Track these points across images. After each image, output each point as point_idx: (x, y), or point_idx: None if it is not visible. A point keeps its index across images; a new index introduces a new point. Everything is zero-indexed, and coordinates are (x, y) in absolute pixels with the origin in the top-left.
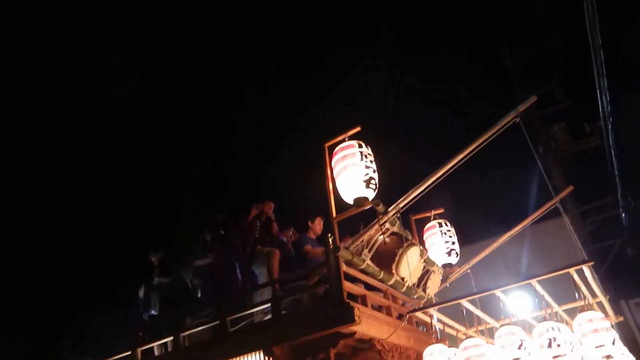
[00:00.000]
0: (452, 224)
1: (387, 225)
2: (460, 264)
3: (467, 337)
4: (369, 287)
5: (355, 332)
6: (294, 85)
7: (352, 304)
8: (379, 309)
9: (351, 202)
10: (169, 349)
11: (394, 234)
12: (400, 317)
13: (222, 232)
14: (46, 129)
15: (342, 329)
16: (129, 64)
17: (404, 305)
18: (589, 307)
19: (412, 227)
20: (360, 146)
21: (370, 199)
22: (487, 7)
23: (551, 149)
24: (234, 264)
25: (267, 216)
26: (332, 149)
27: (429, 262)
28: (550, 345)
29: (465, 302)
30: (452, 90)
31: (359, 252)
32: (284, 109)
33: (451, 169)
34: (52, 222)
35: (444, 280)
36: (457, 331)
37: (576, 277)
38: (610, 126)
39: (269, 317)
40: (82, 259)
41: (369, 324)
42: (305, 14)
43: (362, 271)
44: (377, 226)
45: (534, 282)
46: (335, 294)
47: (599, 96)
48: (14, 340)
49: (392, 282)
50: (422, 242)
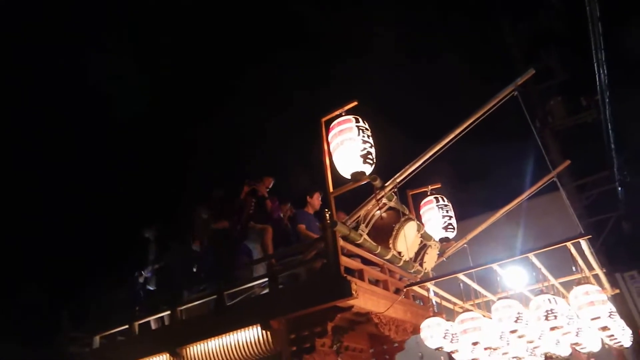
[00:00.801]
0: (449, 199)
1: (384, 200)
2: (457, 238)
3: (464, 311)
4: (366, 261)
5: (352, 306)
6: (290, 60)
7: (349, 278)
8: (376, 283)
9: (348, 176)
10: (167, 323)
11: (391, 208)
12: (397, 291)
13: (219, 209)
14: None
15: (339, 303)
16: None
17: (401, 279)
18: (586, 280)
19: (409, 202)
20: (357, 121)
21: (367, 174)
22: None
23: (548, 123)
24: (232, 239)
25: (262, 193)
26: (328, 123)
27: (425, 237)
28: (547, 317)
29: (462, 276)
30: (450, 64)
31: (356, 226)
32: (281, 84)
33: (448, 144)
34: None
35: (440, 254)
36: (454, 305)
37: (573, 251)
38: (607, 99)
39: (267, 291)
40: (82, 234)
41: (366, 298)
42: None
43: (359, 246)
44: (374, 201)
45: (531, 255)
46: (332, 269)
47: (596, 69)
48: (14, 314)
49: (389, 256)
50: (419, 217)
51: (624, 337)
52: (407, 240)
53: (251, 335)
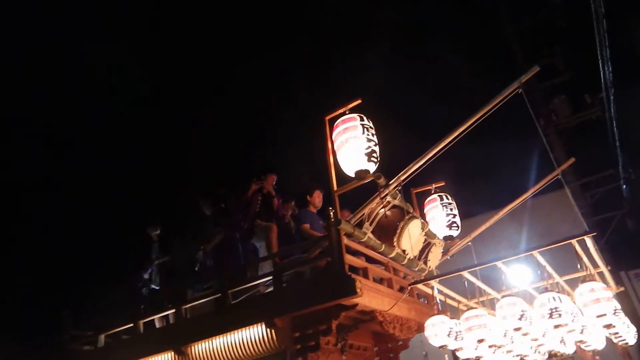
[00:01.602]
0: (453, 197)
1: (389, 198)
2: (461, 236)
3: (468, 309)
4: (370, 259)
5: (356, 304)
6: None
7: (353, 276)
8: (380, 281)
9: (352, 175)
10: (171, 322)
11: (395, 207)
12: (401, 289)
13: (222, 206)
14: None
15: (343, 301)
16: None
17: (405, 277)
18: (591, 278)
19: (413, 200)
20: (361, 119)
21: (371, 172)
22: None
23: (552, 121)
24: (236, 238)
25: (268, 191)
26: (332, 122)
27: (430, 235)
28: (551, 315)
29: (466, 274)
30: (454, 62)
31: (361, 225)
32: (283, 80)
33: (452, 142)
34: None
35: (445, 252)
36: (459, 302)
37: (578, 248)
38: (612, 97)
39: (271, 289)
40: (85, 231)
41: (370, 296)
42: None
43: (364, 244)
44: (378, 199)
45: (536, 253)
46: (336, 267)
47: (601, 66)
48: (16, 312)
49: (393, 254)
50: (423, 215)
51: (629, 334)
52: (411, 238)
53: (256, 333)
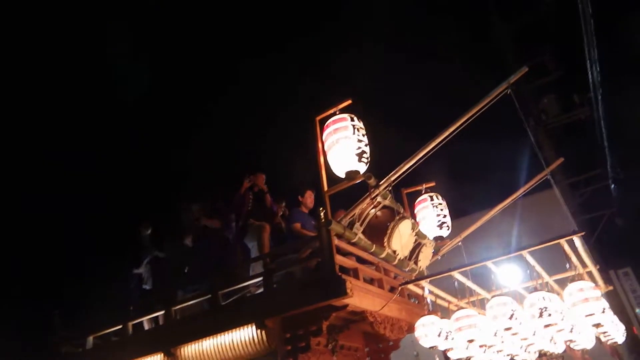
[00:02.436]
0: (443, 197)
1: (379, 198)
2: (451, 236)
3: (458, 309)
4: (360, 260)
5: (347, 305)
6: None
7: (344, 277)
8: (371, 281)
9: (343, 175)
10: (161, 323)
11: (385, 207)
12: (392, 289)
13: (214, 207)
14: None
15: (334, 301)
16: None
17: (395, 278)
18: (580, 277)
19: (404, 200)
20: (352, 119)
21: (362, 173)
22: None
23: (541, 121)
24: (227, 238)
25: (260, 188)
26: (323, 122)
27: (420, 235)
28: (541, 315)
29: (456, 274)
30: (443, 62)
31: (351, 225)
32: (274, 82)
33: (442, 142)
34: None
35: (435, 252)
36: (449, 303)
37: (567, 248)
38: (600, 97)
39: (261, 290)
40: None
41: (360, 297)
42: None
43: (354, 244)
44: (368, 200)
45: (525, 253)
46: (327, 267)
47: (588, 66)
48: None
49: (383, 255)
50: (413, 216)
51: (618, 333)
52: (401, 238)
53: (246, 334)
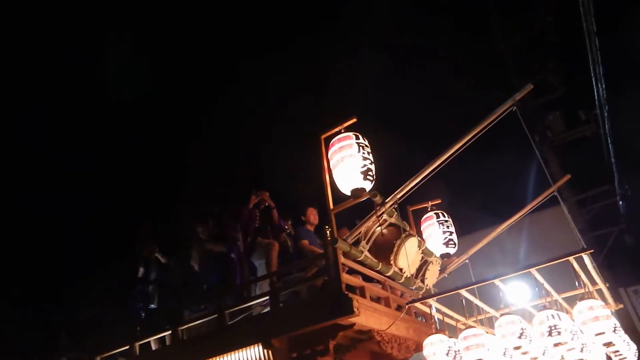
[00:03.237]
0: (450, 215)
1: (385, 216)
2: (458, 254)
3: (466, 327)
4: (367, 278)
5: (354, 324)
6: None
7: (350, 295)
8: (378, 300)
9: (348, 193)
10: (167, 343)
11: (391, 225)
12: (399, 308)
13: (217, 226)
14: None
15: (341, 320)
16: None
17: (402, 296)
18: (589, 295)
19: (410, 218)
20: (357, 137)
21: (367, 190)
22: None
23: (547, 137)
24: (232, 257)
25: (267, 204)
26: (328, 140)
27: (427, 253)
28: (550, 333)
29: (464, 292)
30: (449, 79)
31: (357, 243)
32: (278, 99)
33: (448, 159)
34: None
35: (442, 270)
36: (457, 321)
37: (576, 265)
38: (606, 114)
39: (268, 309)
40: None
41: (367, 316)
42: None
43: (360, 263)
44: (374, 217)
45: (534, 270)
46: (333, 286)
47: (594, 83)
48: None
49: (390, 273)
50: (419, 233)
51: (629, 352)
52: (408, 256)
53: (252, 354)
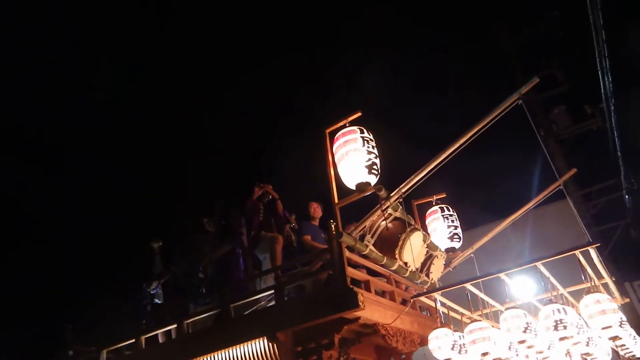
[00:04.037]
0: (454, 209)
1: (390, 210)
2: (463, 248)
3: (471, 321)
4: (372, 272)
5: (359, 318)
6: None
7: (355, 289)
8: (383, 294)
9: (353, 187)
10: (173, 337)
11: (396, 219)
12: (404, 302)
13: (223, 221)
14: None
15: (346, 314)
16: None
17: (407, 290)
18: (595, 289)
19: (415, 212)
20: (361, 132)
21: (372, 185)
22: None
23: (553, 131)
24: (238, 251)
25: (271, 196)
26: (333, 134)
27: (431, 247)
28: (556, 327)
29: (469, 286)
30: (455, 74)
31: (362, 237)
32: (283, 95)
33: (453, 153)
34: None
35: (447, 264)
36: (462, 315)
37: (582, 259)
38: (612, 107)
39: (273, 303)
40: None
41: (372, 309)
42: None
43: (365, 257)
44: (379, 212)
45: (539, 264)
46: (338, 280)
47: (600, 77)
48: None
49: (395, 267)
50: (424, 227)
51: (636, 346)
52: (413, 250)
53: (257, 347)
